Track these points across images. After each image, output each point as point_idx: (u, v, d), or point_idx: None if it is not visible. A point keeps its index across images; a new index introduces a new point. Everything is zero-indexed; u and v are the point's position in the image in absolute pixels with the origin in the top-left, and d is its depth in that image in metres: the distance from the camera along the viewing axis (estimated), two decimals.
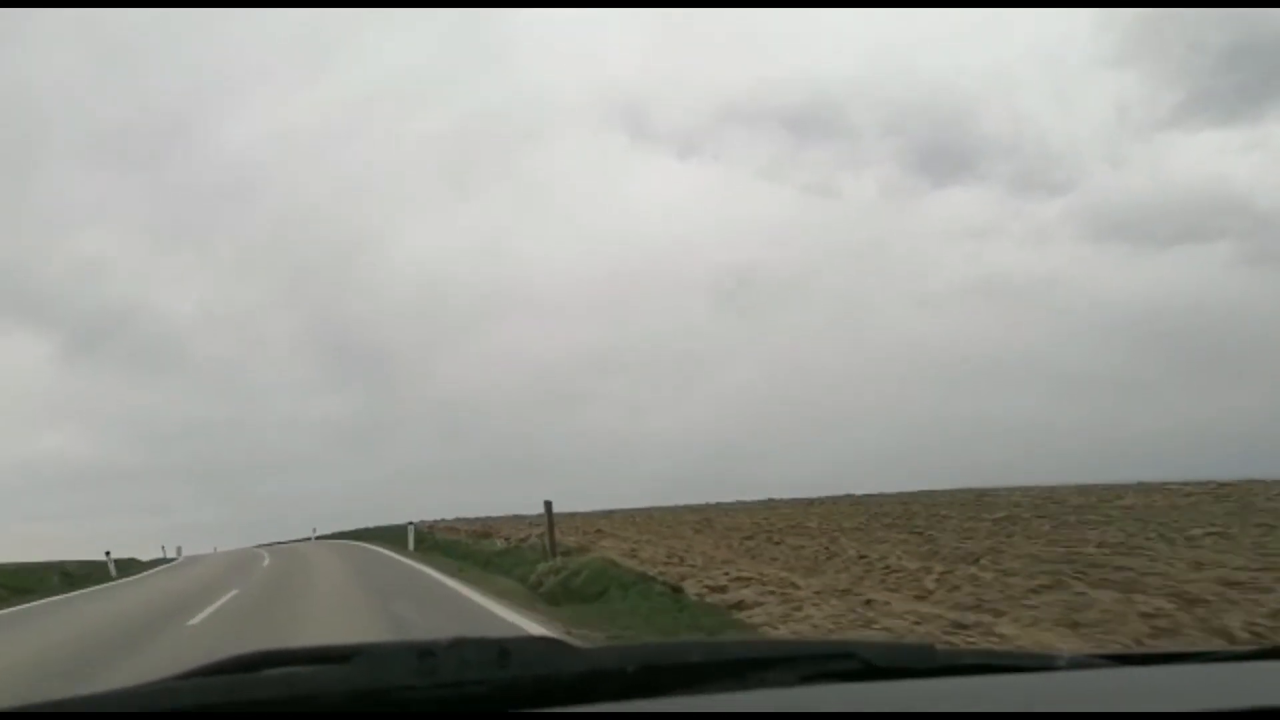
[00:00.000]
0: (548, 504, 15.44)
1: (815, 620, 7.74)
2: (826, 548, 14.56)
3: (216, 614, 11.75)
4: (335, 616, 10.79)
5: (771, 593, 9.30)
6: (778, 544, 16.35)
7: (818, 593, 9.15)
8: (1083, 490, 23.15)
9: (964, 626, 6.83)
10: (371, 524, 40.62)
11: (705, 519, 25.96)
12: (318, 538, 44.07)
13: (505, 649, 1.19)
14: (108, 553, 26.70)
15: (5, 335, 73.66)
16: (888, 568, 11.12)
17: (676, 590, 10.26)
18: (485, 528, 27.90)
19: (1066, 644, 5.96)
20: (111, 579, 23.82)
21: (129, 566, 28.46)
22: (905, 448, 53.89)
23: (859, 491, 31.80)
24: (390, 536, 31.59)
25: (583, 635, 7.75)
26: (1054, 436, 51.56)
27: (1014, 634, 6.46)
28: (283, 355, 77.19)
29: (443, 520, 35.50)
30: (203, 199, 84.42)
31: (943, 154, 72.66)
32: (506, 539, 21.18)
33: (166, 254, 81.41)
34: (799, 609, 8.27)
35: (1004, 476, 32.79)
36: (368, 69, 75.87)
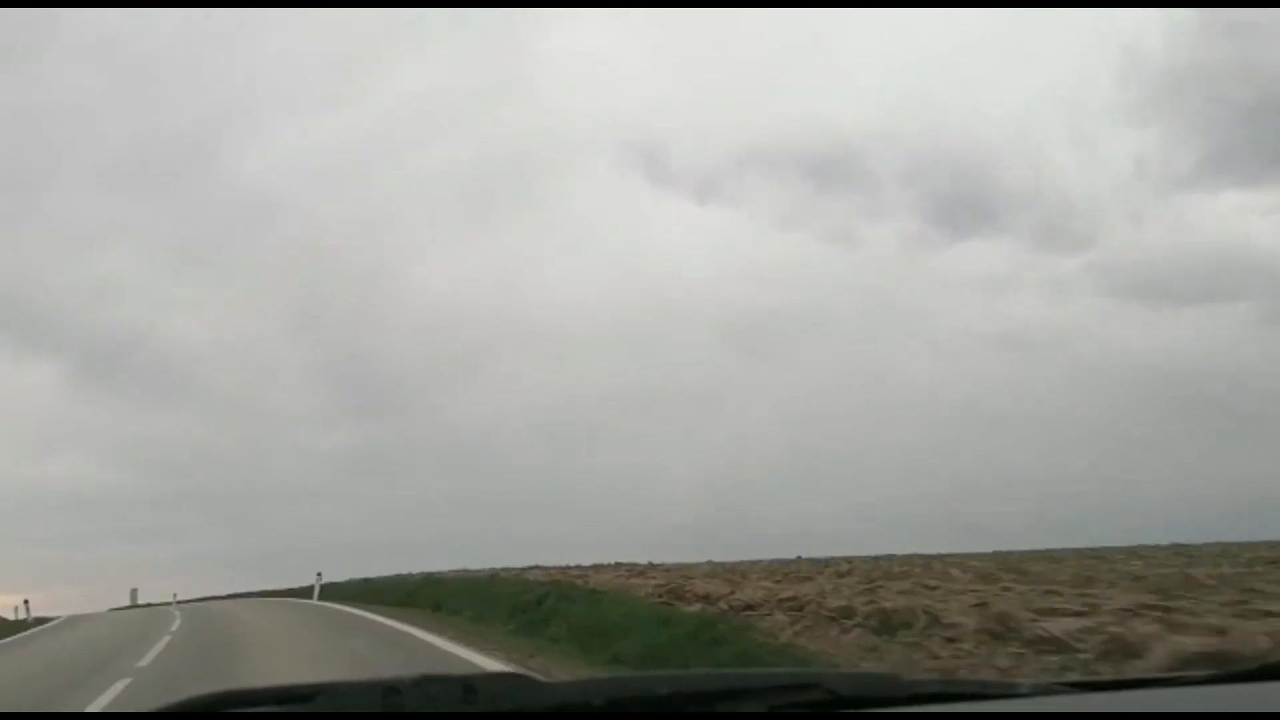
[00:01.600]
0: None
1: None
2: None
3: None
4: None
5: None
6: None
7: None
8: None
9: None
10: (421, 566, 23.78)
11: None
12: (322, 589, 24.89)
13: (471, 685, 1.20)
14: None
15: (14, 360, 72.88)
16: None
17: None
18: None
19: None
20: None
21: None
22: (918, 505, 52.59)
23: (867, 551, 27.04)
24: (505, 610, 12.58)
25: None
26: (1066, 494, 50.66)
27: None
28: (294, 383, 76.28)
29: (583, 565, 19.90)
30: (217, 224, 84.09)
31: (962, 205, 73.38)
32: None
33: (179, 279, 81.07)
34: None
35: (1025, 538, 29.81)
36: (389, 96, 75.95)
